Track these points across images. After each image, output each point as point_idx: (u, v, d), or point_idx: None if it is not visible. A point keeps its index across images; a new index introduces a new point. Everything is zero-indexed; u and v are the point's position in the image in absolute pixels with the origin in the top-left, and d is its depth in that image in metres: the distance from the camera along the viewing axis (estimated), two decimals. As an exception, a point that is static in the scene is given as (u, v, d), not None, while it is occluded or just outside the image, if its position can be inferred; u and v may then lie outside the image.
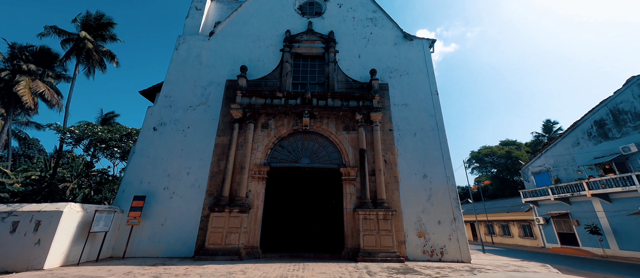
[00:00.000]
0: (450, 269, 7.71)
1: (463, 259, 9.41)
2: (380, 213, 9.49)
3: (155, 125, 11.19)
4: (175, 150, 10.77)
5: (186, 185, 10.22)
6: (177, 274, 6.42)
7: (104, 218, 8.42)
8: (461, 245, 9.62)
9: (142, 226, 9.50)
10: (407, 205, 10.17)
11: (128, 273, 6.45)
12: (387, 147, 11.10)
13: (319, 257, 9.54)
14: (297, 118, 11.42)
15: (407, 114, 11.83)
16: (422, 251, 9.53)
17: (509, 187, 45.45)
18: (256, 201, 10.09)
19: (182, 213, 9.77)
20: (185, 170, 10.44)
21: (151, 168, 10.43)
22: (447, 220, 9.98)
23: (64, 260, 7.45)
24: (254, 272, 6.75)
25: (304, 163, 10.97)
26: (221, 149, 10.81)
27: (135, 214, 9.27)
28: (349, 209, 10.08)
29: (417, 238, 9.71)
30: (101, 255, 8.58)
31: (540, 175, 21.08)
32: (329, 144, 11.37)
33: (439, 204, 10.22)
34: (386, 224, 9.39)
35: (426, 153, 11.08)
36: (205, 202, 9.93)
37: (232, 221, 9.28)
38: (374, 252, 8.96)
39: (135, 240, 9.31)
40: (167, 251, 9.22)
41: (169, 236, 9.44)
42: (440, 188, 10.48)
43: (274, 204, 13.56)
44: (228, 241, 9.02)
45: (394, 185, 10.47)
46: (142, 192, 9.94)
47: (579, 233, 17.46)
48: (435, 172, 10.74)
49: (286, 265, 7.88)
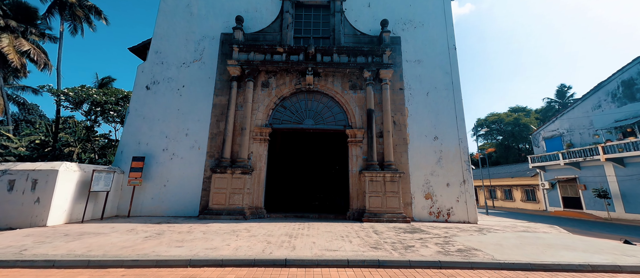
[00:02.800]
0: (458, 229, 7.56)
1: (470, 220, 9.29)
2: (387, 175, 9.16)
3: (148, 84, 10.45)
4: (171, 110, 10.18)
5: (186, 146, 9.85)
6: (180, 231, 6.31)
7: (104, 178, 8.22)
8: (469, 206, 9.43)
9: (144, 187, 9.38)
10: (416, 167, 9.78)
11: (131, 230, 6.36)
12: (397, 108, 10.35)
13: (323, 217, 9.51)
14: (299, 76, 10.52)
15: (420, 72, 10.81)
16: (428, 212, 9.40)
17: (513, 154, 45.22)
18: (259, 163, 9.77)
19: (183, 175, 9.56)
20: (184, 132, 9.98)
21: (148, 129, 9.97)
22: (456, 182, 9.66)
23: (68, 218, 7.42)
24: (258, 230, 6.63)
25: (308, 124, 10.39)
26: (220, 109, 10.18)
27: (136, 175, 9.07)
28: (355, 171, 9.76)
29: (424, 200, 9.51)
30: (106, 214, 8.59)
31: (552, 140, 20.43)
32: (334, 104, 10.63)
33: (448, 167, 9.81)
34: (393, 186, 9.11)
35: (438, 114, 10.34)
36: (206, 164, 9.64)
37: (234, 182, 9.07)
38: (379, 212, 8.82)
39: (139, 200, 9.26)
40: (171, 211, 9.22)
41: (172, 196, 9.36)
42: (451, 151, 9.97)
43: (277, 167, 13.38)
44: (232, 202, 8.92)
45: (403, 147, 9.97)
46: (140, 153, 9.63)
47: (584, 197, 17.44)
48: (447, 134, 10.13)
49: (291, 224, 7.80)
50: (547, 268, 4.24)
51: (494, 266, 4.24)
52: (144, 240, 5.34)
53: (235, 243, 5.20)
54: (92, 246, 4.77)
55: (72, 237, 5.55)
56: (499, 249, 5.15)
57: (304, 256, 4.35)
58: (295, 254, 4.46)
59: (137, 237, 5.57)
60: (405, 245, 5.28)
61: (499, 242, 5.85)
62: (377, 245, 5.23)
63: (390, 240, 5.74)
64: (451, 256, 4.53)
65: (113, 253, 4.34)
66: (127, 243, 5.05)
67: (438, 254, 4.64)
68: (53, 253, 4.24)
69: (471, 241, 5.92)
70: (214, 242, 5.22)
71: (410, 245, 5.35)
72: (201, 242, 5.20)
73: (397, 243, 5.44)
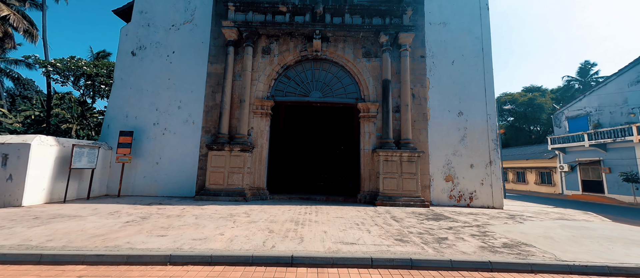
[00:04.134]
0: (487, 216, 6.62)
1: (495, 205, 8.35)
2: (404, 154, 8.11)
3: (133, 50, 9.22)
4: (161, 79, 9.04)
5: (179, 120, 8.83)
6: (170, 215, 5.48)
7: (87, 154, 7.34)
8: (494, 190, 8.44)
9: (135, 164, 8.54)
10: (436, 146, 8.69)
11: (115, 212, 5.56)
12: (417, 78, 9.04)
13: (332, 200, 8.66)
14: (305, 41, 9.15)
15: (445, 36, 9.32)
16: (448, 196, 8.46)
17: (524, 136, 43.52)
18: (260, 139, 8.77)
19: (177, 152, 8.65)
20: (176, 104, 8.91)
21: (136, 101, 8.92)
22: (481, 163, 8.59)
23: (48, 197, 6.65)
24: (259, 215, 5.77)
25: (315, 97, 9.20)
26: (215, 79, 9.00)
27: (124, 151, 8.18)
28: (367, 150, 8.72)
29: (444, 182, 8.53)
30: (94, 194, 7.83)
31: (576, 119, 18.94)
32: (345, 74, 9.35)
33: (473, 146, 8.70)
34: (410, 167, 8.10)
35: (464, 86, 9.03)
36: (202, 140, 8.68)
37: (233, 160, 8.15)
38: (395, 195, 7.90)
39: (130, 179, 8.46)
40: (165, 190, 8.43)
41: (165, 175, 8.53)
42: (478, 128, 8.79)
43: (281, 144, 12.41)
44: (231, 181, 8.06)
45: (422, 124, 8.81)
46: (128, 127, 8.67)
47: (607, 180, 16.38)
48: (473, 109, 8.89)
49: (296, 207, 6.95)
50: (630, 273, 3.27)
51: (560, 269, 3.28)
52: (123, 226, 4.49)
53: (230, 231, 4.32)
54: (57, 234, 3.93)
55: (41, 220, 4.73)
56: (553, 244, 4.18)
57: (315, 252, 3.44)
58: (304, 249, 3.55)
59: (116, 222, 4.73)
60: (436, 237, 4.34)
61: (547, 234, 4.89)
62: (402, 237, 4.30)
63: (415, 230, 4.81)
64: (500, 254, 3.58)
65: (77, 244, 3.48)
66: (101, 230, 4.21)
67: (483, 251, 3.69)
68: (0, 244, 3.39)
69: (512, 232, 4.97)
70: (205, 230, 4.35)
71: (442, 236, 4.42)
72: (190, 230, 4.33)
73: (426, 235, 4.51)
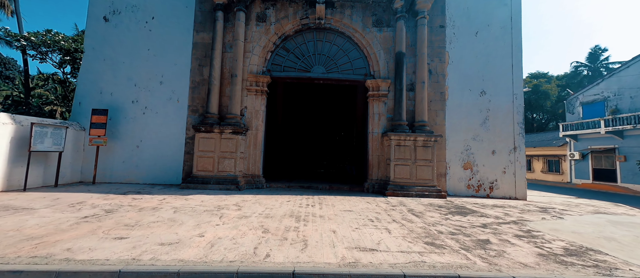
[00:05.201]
0: (516, 209, 5.75)
1: (517, 196, 7.50)
2: (419, 139, 7.13)
3: (106, 14, 7.90)
4: (139, 50, 7.81)
5: (161, 98, 7.71)
6: (143, 207, 4.53)
7: (51, 135, 6.27)
8: (518, 179, 7.56)
9: (112, 148, 7.50)
10: (454, 130, 7.70)
11: (77, 203, 4.59)
12: (435, 52, 7.88)
13: (335, 189, 7.76)
14: (307, 6, 7.88)
15: (468, 3, 8.07)
16: (466, 185, 7.58)
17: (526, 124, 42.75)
18: (255, 121, 7.72)
19: (160, 134, 7.60)
20: (157, 79, 7.75)
21: (111, 75, 7.73)
22: (504, 149, 7.66)
23: (4, 185, 5.64)
24: (252, 207, 4.84)
25: (318, 73, 8.06)
26: (202, 50, 7.79)
27: (98, 132, 7.11)
28: (377, 134, 7.72)
29: (462, 170, 7.62)
30: (64, 180, 6.85)
31: (592, 105, 17.99)
32: (352, 47, 8.16)
33: (496, 129, 7.72)
34: (426, 152, 7.14)
35: (489, 61, 7.91)
36: (188, 120, 7.61)
37: (224, 144, 7.13)
38: (407, 185, 7.00)
39: (108, 164, 7.46)
40: (148, 177, 7.46)
41: (148, 160, 7.52)
42: (502, 109, 7.78)
43: (278, 127, 11.36)
44: (222, 168, 7.08)
45: (439, 104, 7.77)
46: (103, 105, 7.54)
47: (621, 169, 15.69)
48: (498, 87, 7.83)
49: (296, 198, 6.03)
50: None
51: (662, 290, 2.38)
52: (76, 223, 3.53)
53: (213, 231, 3.38)
54: (-20, 235, 2.95)
55: (-24, 215, 3.75)
56: (624, 249, 3.30)
57: (326, 266, 2.51)
58: (310, 260, 2.61)
59: (71, 218, 3.76)
60: (475, 240, 3.44)
61: (603, 234, 4.00)
62: (433, 239, 3.39)
63: (444, 229, 3.91)
64: (574, 268, 2.68)
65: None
66: (44, 228, 3.24)
67: (547, 262, 2.79)
68: None
69: (560, 231, 4.09)
70: (181, 229, 3.40)
71: (481, 238, 3.51)
72: (162, 229, 3.38)
73: (460, 235, 3.61)
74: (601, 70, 35.92)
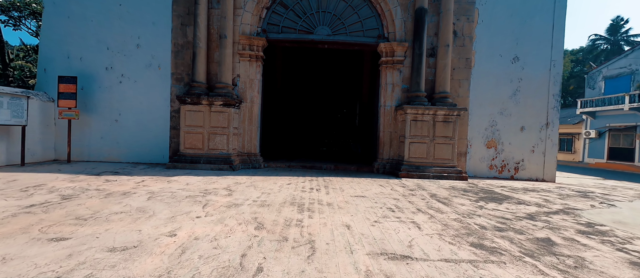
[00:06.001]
0: (554, 194, 4.97)
1: (545, 178, 6.72)
2: (440, 112, 6.16)
3: (66, -41, 6.53)
4: (110, 5, 6.56)
5: (139, 64, 6.62)
6: (113, 191, 3.72)
7: (9, 106, 5.32)
8: (547, 159, 6.73)
9: (87, 121, 6.58)
10: (479, 102, 6.71)
11: (34, 187, 3.78)
12: (462, 8, 6.61)
13: (341, 169, 6.96)
14: (309, -50, 6.46)
15: (506, -54, 6.63)
16: (488, 166, 6.77)
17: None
18: (250, 91, 6.70)
19: (141, 106, 6.64)
20: (133, 41, 6.59)
21: (79, 36, 6.56)
22: (535, 125, 6.72)
23: (-45, 165, 4.83)
24: (246, 192, 4.05)
25: (322, 35, 6.86)
26: (184, 6, 6.53)
27: (68, 103, 6.15)
28: (389, 107, 6.74)
29: (485, 149, 6.76)
30: (35, 158, 6.05)
31: (617, 79, 16.73)
32: (362, 2, 6.86)
33: (527, 102, 6.72)
34: (446, 129, 6.22)
35: (526, 20, 6.68)
36: (172, 90, 6.59)
37: (214, 118, 6.19)
38: (424, 165, 6.17)
39: (84, 140, 6.59)
40: (131, 155, 6.64)
41: (129, 136, 6.65)
42: (536, 79, 6.71)
43: (277, 99, 10.33)
44: (213, 145, 6.22)
45: (464, 72, 6.68)
46: (72, 72, 6.48)
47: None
48: (534, 53, 6.69)
49: (298, 180, 5.23)
50: None
51: None
52: (13, 215, 2.72)
53: (190, 227, 2.57)
54: None
55: None
56: None
57: (344, 286, 1.69)
58: (320, 275, 1.80)
59: (11, 207, 2.96)
60: (532, 239, 2.64)
61: (682, 228, 3.21)
62: (478, 237, 2.59)
63: (486, 222, 3.11)
64: (694, 285, 1.86)
65: None
66: (-36, 224, 2.42)
67: (652, 276, 1.98)
68: None
69: (630, 225, 3.30)
70: (147, 225, 2.59)
71: (540, 236, 2.71)
72: (122, 225, 2.57)
73: (510, 231, 2.81)
74: (621, 43, 33.67)
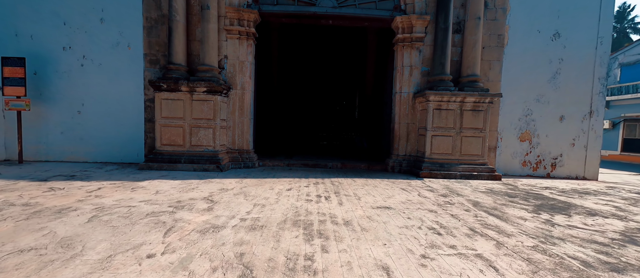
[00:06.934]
0: (618, 197, 4.03)
1: (586, 175, 5.79)
2: (468, 100, 5.14)
3: None
4: (64, -31, 5.34)
5: (104, 43, 5.46)
6: (43, 208, 2.68)
7: None
8: (590, 154, 5.79)
9: (43, 113, 5.46)
10: (512, 88, 5.69)
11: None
12: (494, -26, 5.51)
13: (350, 167, 5.95)
14: None
15: None
16: (520, 162, 5.81)
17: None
18: (240, 76, 5.60)
19: (109, 94, 5.51)
20: (96, 14, 5.41)
21: (28, 7, 5.36)
22: (577, 114, 5.75)
23: None
24: (233, 204, 3.03)
25: (326, 7, 5.72)
26: (158, -30, 5.34)
27: (16, 91, 5.01)
28: (406, 94, 5.69)
29: (518, 143, 5.79)
30: (-24, 159, 4.93)
31: (634, 66, 15.87)
32: (374, -32, 5.72)
33: (568, 87, 5.73)
34: (476, 119, 5.22)
35: (570, -11, 5.61)
36: (145, 75, 5.47)
37: (197, 108, 5.11)
38: (449, 162, 5.19)
39: (40, 136, 5.48)
40: (99, 153, 5.55)
41: (95, 130, 5.54)
42: (580, 59, 5.70)
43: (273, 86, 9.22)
44: (196, 141, 5.16)
45: (495, 52, 5.64)
46: (21, 52, 5.30)
47: (659, 140, 14.19)
48: (577, 28, 5.65)
49: (300, 183, 4.21)
50: None
51: None
52: None
53: (128, 281, 1.53)
54: None
55: None
56: None
57: None
58: None
59: None
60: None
61: None
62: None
63: (580, 253, 2.13)
64: None
65: None
66: None
67: None
68: None
69: None
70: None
71: (682, 280, 1.73)
72: (14, 277, 1.52)
73: (628, 269, 1.83)
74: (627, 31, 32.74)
